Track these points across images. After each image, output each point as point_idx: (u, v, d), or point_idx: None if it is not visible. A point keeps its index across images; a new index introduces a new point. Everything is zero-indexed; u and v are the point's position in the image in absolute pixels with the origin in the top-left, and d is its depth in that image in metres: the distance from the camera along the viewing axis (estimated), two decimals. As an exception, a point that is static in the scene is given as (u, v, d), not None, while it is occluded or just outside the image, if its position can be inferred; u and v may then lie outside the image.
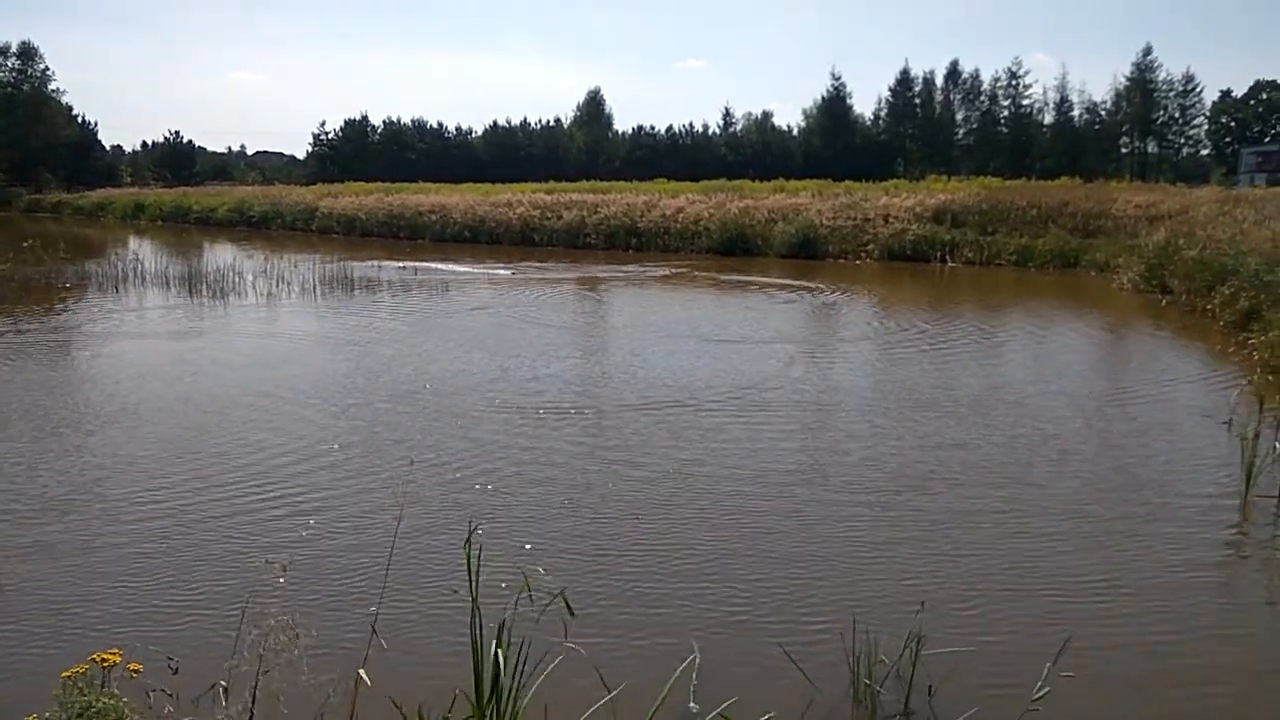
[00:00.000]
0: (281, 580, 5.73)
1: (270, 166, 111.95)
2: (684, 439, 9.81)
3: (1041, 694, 3.92)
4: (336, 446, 9.43)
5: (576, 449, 9.48)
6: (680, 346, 15.50)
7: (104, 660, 3.67)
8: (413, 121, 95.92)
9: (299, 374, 13.14)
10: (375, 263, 30.21)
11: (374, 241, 41.62)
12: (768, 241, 33.63)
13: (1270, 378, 12.38)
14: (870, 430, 10.25)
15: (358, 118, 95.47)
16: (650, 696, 3.45)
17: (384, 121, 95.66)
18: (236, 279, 23.96)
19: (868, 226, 32.99)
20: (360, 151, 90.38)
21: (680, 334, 16.72)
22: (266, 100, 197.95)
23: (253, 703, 3.38)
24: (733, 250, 33.80)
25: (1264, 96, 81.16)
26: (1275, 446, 8.83)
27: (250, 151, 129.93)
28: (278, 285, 23.77)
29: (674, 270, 29.00)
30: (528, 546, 6.91)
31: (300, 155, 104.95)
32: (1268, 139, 77.69)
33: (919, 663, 4.91)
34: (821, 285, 24.99)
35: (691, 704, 2.90)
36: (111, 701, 3.62)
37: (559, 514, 7.65)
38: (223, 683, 3.47)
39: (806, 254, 32.33)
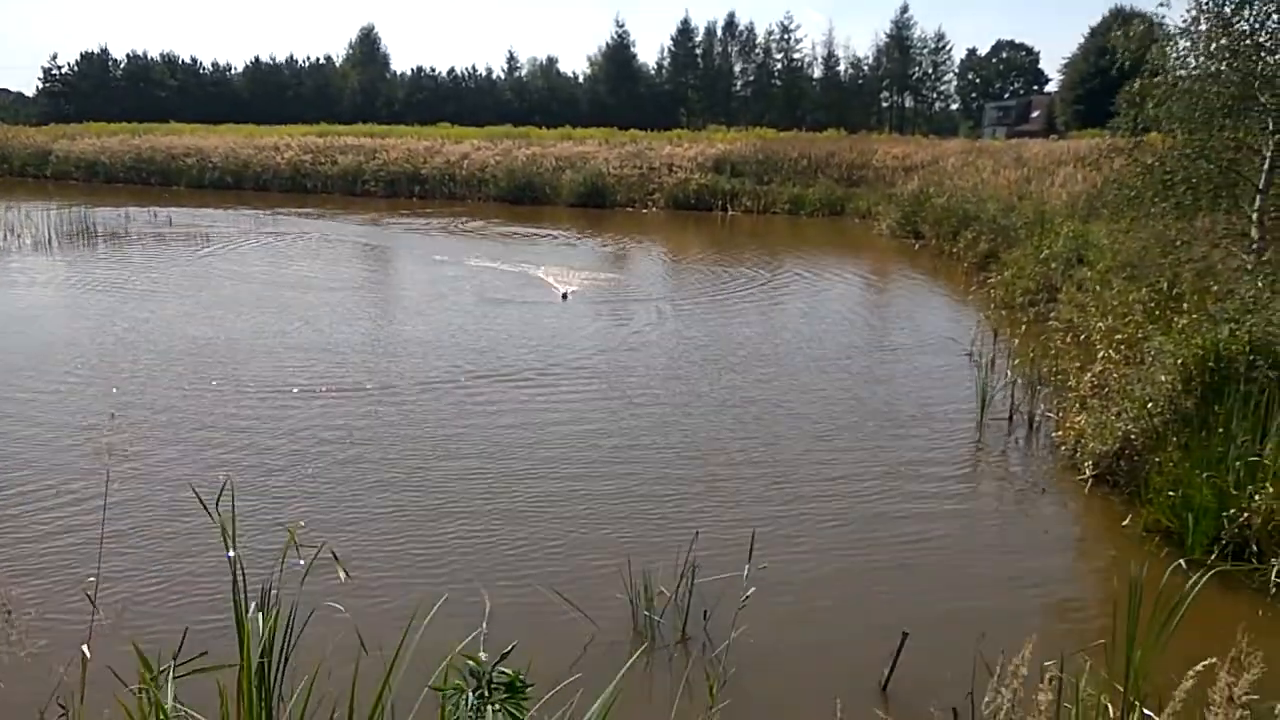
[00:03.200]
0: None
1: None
2: (468, 405, 9.69)
3: (748, 594, 4.62)
4: (48, 420, 8.56)
5: (349, 418, 9.13)
6: (461, 303, 15.20)
7: None
8: (162, 56, 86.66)
9: (19, 340, 11.77)
10: (121, 211, 27.40)
11: (120, 188, 37.65)
12: (556, 190, 33.46)
13: (1004, 312, 13.79)
14: (646, 383, 10.52)
15: (96, 50, 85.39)
16: (437, 649, 3.40)
17: (128, 55, 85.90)
18: (-48, 231, 20.99)
19: (653, 175, 33.55)
20: (100, 88, 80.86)
21: (464, 291, 16.39)
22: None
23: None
24: (521, 199, 33.36)
25: (1004, 55, 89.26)
26: (1007, 374, 9.89)
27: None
28: (5, 237, 21.08)
29: (462, 221, 28.19)
30: (294, 509, 6.59)
31: (29, 92, 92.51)
32: (1007, 95, 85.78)
33: (694, 591, 5.13)
34: (612, 236, 25.20)
35: (482, 653, 2.86)
36: None
37: (332, 479, 7.35)
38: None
39: (595, 203, 32.47)
